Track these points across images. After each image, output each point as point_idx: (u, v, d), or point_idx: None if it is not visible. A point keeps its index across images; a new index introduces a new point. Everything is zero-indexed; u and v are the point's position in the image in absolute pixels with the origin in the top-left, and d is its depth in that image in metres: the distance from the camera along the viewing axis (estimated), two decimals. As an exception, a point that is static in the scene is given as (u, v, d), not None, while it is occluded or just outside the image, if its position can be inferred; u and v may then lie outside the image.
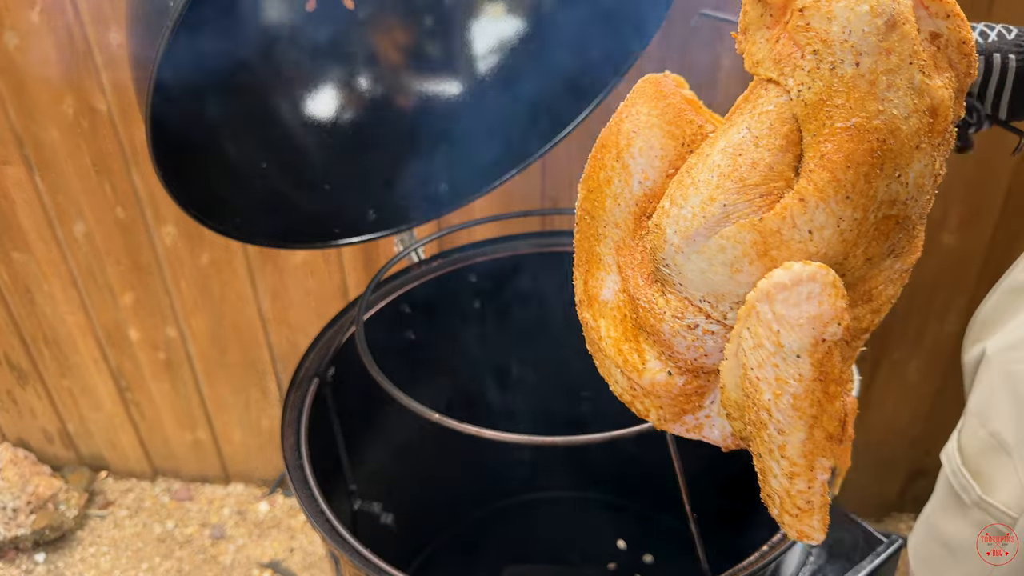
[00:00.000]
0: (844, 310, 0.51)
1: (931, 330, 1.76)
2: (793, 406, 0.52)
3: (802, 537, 0.59)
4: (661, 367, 0.60)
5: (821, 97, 0.51)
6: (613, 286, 0.63)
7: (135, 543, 2.17)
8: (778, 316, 0.51)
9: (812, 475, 0.55)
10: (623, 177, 0.61)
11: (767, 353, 0.52)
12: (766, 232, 0.52)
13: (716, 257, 0.54)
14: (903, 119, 0.52)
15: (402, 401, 0.88)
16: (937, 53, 0.54)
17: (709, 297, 0.56)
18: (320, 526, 0.93)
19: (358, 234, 1.21)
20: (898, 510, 2.09)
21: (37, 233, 1.85)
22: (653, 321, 0.59)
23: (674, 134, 0.59)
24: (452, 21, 1.21)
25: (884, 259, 0.56)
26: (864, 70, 0.51)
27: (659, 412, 0.63)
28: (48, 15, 1.54)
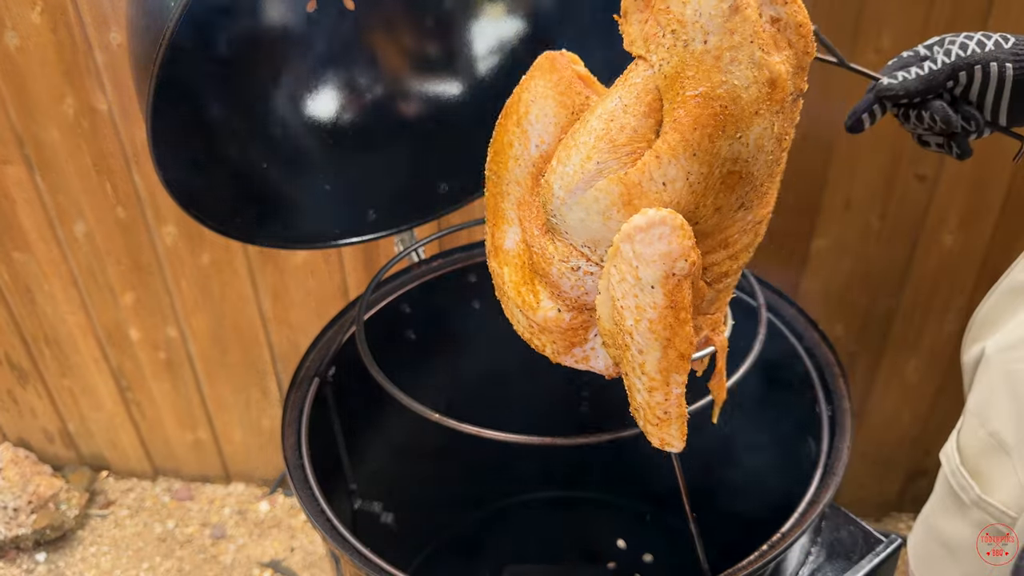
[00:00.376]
0: (691, 249, 0.59)
1: (930, 330, 1.76)
2: (650, 329, 0.62)
3: (663, 445, 0.69)
4: (552, 305, 0.70)
5: (677, 70, 0.61)
6: (515, 237, 0.73)
7: (136, 543, 2.17)
8: (636, 254, 0.60)
9: (668, 389, 0.64)
10: (522, 141, 0.71)
11: (629, 286, 0.61)
12: (630, 184, 0.62)
13: (592, 207, 0.64)
14: (744, 88, 0.60)
15: (402, 401, 0.88)
16: (777, 34, 0.62)
17: (588, 243, 0.66)
18: (320, 526, 0.93)
19: (358, 234, 1.21)
20: (897, 510, 2.09)
21: (38, 233, 1.85)
22: (545, 265, 0.69)
23: (565, 103, 0.69)
24: (452, 21, 1.21)
25: (735, 211, 0.66)
26: (711, 47, 0.60)
27: (553, 346, 0.73)
28: (49, 15, 1.54)
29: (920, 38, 1.45)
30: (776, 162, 0.66)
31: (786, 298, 1.17)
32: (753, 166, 0.63)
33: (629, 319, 0.62)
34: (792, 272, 1.72)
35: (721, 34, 0.60)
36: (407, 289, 1.26)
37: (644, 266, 0.60)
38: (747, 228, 0.68)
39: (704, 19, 0.60)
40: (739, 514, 1.13)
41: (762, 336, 0.93)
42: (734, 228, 0.67)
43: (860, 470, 2.01)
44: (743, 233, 0.68)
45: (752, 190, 0.65)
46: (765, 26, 0.62)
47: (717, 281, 0.69)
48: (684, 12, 0.60)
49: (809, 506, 0.91)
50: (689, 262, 0.60)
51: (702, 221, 0.64)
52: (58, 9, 1.53)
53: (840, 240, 1.66)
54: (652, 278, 0.60)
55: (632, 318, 0.62)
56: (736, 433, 1.18)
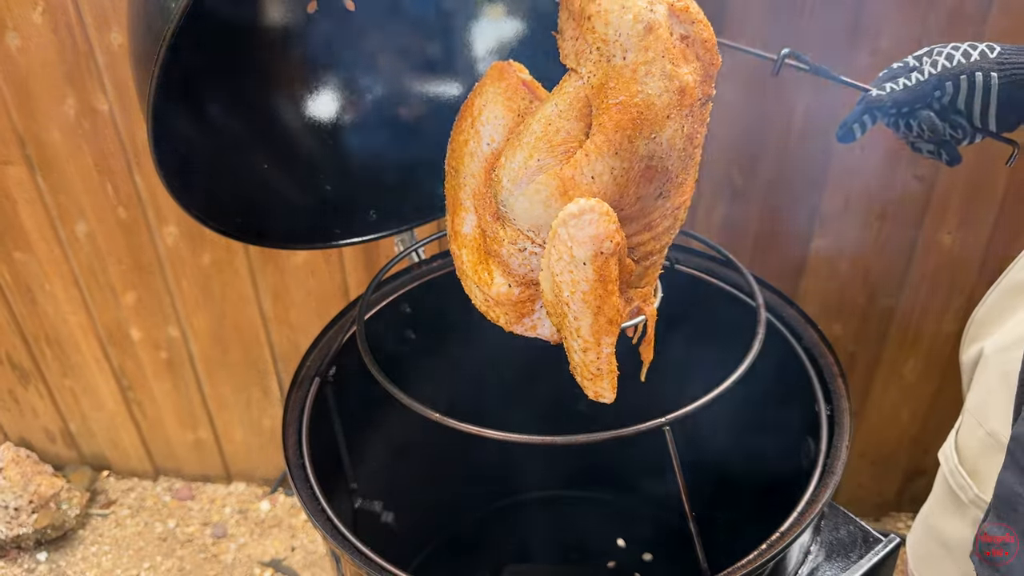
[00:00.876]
0: (615, 231, 0.70)
1: (929, 330, 1.77)
2: (583, 299, 0.73)
3: (597, 396, 0.82)
4: (504, 281, 0.81)
5: (602, 81, 0.71)
6: (471, 223, 0.84)
7: (137, 542, 2.18)
8: (571, 236, 0.70)
9: (599, 349, 0.76)
10: (476, 140, 0.82)
11: (565, 263, 0.72)
12: (564, 179, 0.73)
13: (534, 197, 0.75)
14: (657, 96, 0.71)
15: (403, 401, 0.88)
16: (686, 49, 0.72)
17: (532, 227, 0.77)
18: (321, 525, 0.93)
19: (359, 235, 1.21)
20: (896, 509, 2.09)
21: (39, 233, 1.85)
22: (497, 247, 0.80)
23: (512, 107, 0.80)
24: (453, 22, 1.22)
25: (655, 199, 0.76)
26: (629, 62, 0.70)
27: (506, 316, 0.84)
28: (50, 16, 1.54)
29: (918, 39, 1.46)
30: (689, 157, 0.76)
31: (785, 298, 1.18)
32: (667, 161, 0.74)
33: (566, 291, 0.73)
34: (791, 272, 1.73)
35: (637, 51, 0.70)
36: (407, 289, 1.27)
37: (577, 246, 0.71)
38: (667, 213, 0.78)
39: (623, 38, 0.70)
40: (738, 513, 1.13)
41: (761, 336, 0.93)
42: (655, 213, 0.77)
43: (859, 469, 2.02)
44: (664, 217, 0.78)
45: (669, 181, 0.76)
46: (675, 42, 0.71)
47: (644, 259, 0.80)
48: (607, 32, 0.70)
49: (808, 505, 0.91)
50: (614, 242, 0.70)
51: (627, 208, 0.75)
52: (59, 10, 1.53)
53: (839, 240, 1.67)
54: (584, 256, 0.71)
55: (568, 290, 0.73)
56: (735, 433, 1.18)
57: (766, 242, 1.69)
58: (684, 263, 1.25)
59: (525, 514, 1.63)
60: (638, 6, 0.70)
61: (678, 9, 0.72)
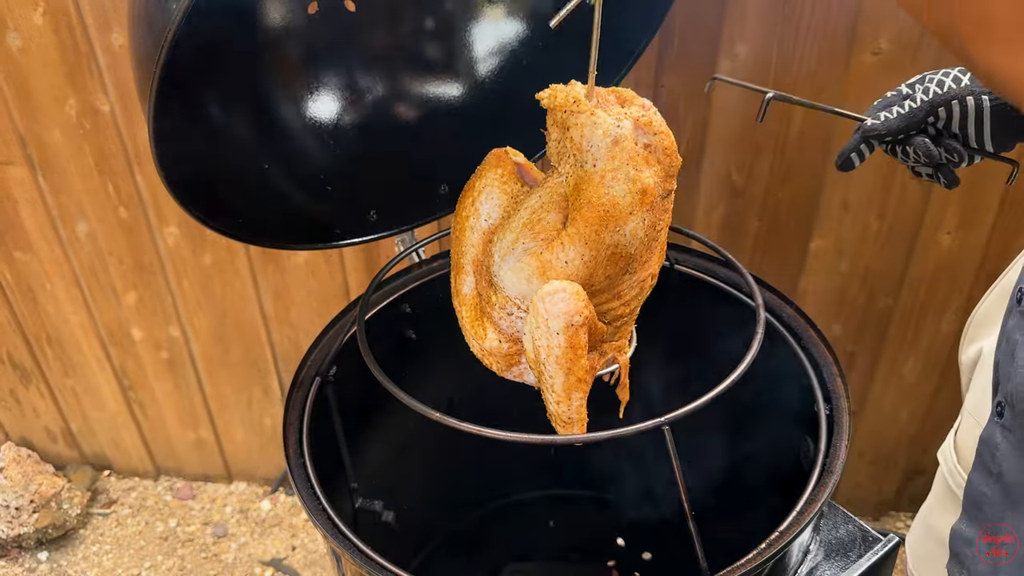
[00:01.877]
0: (584, 307, 0.82)
1: (928, 330, 1.77)
2: (556, 362, 0.85)
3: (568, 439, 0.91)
4: (495, 337, 0.93)
5: (576, 182, 0.85)
6: (470, 285, 0.96)
7: (137, 541, 2.18)
8: (546, 310, 0.83)
9: (570, 403, 0.88)
10: (475, 216, 0.95)
11: (542, 332, 0.84)
12: (544, 262, 0.86)
13: (519, 274, 0.87)
14: (621, 197, 0.83)
15: (403, 400, 0.88)
16: (648, 155, 0.84)
17: (518, 297, 0.89)
18: (322, 524, 0.93)
19: (359, 235, 1.21)
20: (895, 508, 2.10)
21: (40, 233, 1.86)
22: (489, 309, 0.92)
23: (507, 190, 0.94)
24: (454, 23, 1.22)
25: (622, 275, 0.89)
26: (598, 169, 0.83)
27: (497, 365, 0.96)
28: (51, 16, 1.54)
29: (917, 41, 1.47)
30: (652, 241, 0.88)
31: (784, 298, 1.18)
32: (631, 248, 0.86)
33: (543, 354, 0.85)
34: (790, 272, 1.73)
35: (606, 160, 0.82)
36: (408, 289, 1.27)
37: (552, 319, 0.83)
38: (634, 284, 0.90)
39: (594, 149, 0.82)
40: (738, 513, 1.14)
41: (760, 336, 0.93)
42: (623, 286, 0.90)
43: (858, 469, 2.02)
44: (631, 288, 0.90)
45: (634, 261, 0.88)
46: (639, 150, 0.83)
47: (615, 321, 0.92)
48: (581, 143, 0.83)
49: (807, 505, 0.91)
50: (583, 316, 0.82)
51: (596, 284, 0.87)
52: (60, 10, 1.54)
53: (838, 240, 1.67)
54: (557, 327, 0.83)
55: (544, 353, 0.85)
56: (735, 432, 1.19)
57: (766, 242, 1.69)
58: (683, 263, 1.25)
59: (525, 513, 1.63)
60: (607, 123, 0.82)
61: (642, 123, 0.83)
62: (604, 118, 0.82)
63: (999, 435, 0.85)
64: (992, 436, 0.87)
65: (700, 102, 1.53)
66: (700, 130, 1.56)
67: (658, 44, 1.47)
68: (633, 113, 0.84)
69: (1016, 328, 0.85)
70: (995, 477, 0.84)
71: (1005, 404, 0.84)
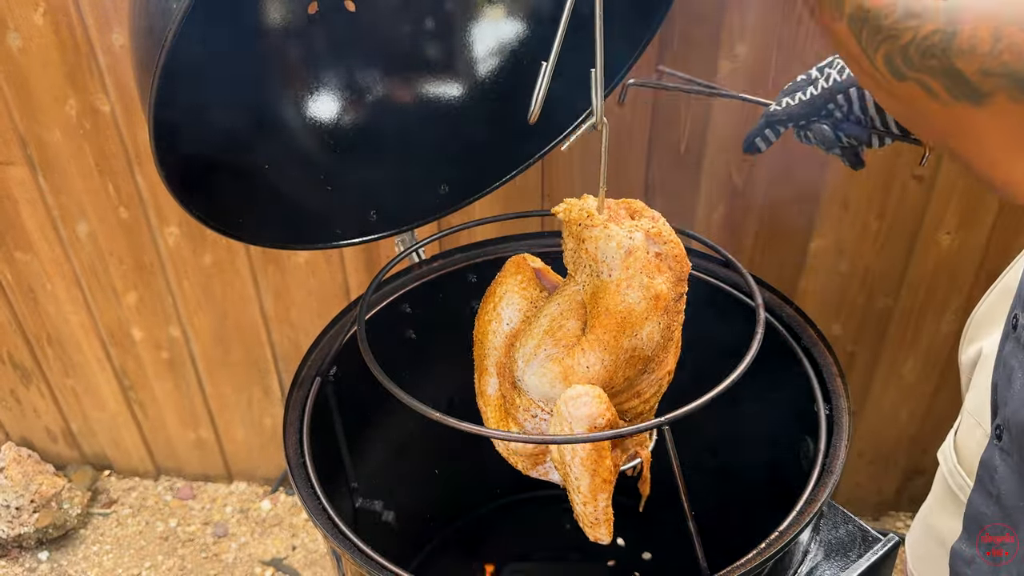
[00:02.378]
0: (606, 410, 0.85)
1: (928, 330, 1.77)
2: (581, 464, 0.87)
3: (596, 539, 0.94)
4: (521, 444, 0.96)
5: (593, 291, 0.88)
6: (494, 386, 0.99)
7: (138, 541, 2.18)
8: (570, 414, 0.85)
9: (596, 503, 0.90)
10: (497, 321, 0.99)
11: (566, 435, 0.86)
12: (566, 367, 0.89)
13: (543, 379, 0.90)
14: (636, 304, 0.87)
15: (403, 400, 0.88)
16: (660, 263, 0.88)
17: (541, 400, 0.92)
18: (322, 524, 0.93)
19: (360, 235, 1.21)
20: (895, 508, 2.10)
21: (40, 233, 1.86)
22: (514, 411, 0.95)
23: (527, 296, 0.98)
24: (453, 23, 1.22)
25: (641, 375, 0.92)
26: (614, 279, 0.86)
27: (523, 464, 0.99)
28: (51, 16, 1.55)
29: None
30: (668, 342, 0.92)
31: (784, 298, 1.18)
32: (648, 350, 0.89)
33: (568, 456, 0.88)
34: (790, 272, 1.73)
35: (620, 270, 0.86)
36: (408, 289, 1.27)
37: (575, 422, 0.85)
38: (652, 383, 0.94)
39: (608, 260, 0.86)
40: (738, 512, 1.14)
41: (760, 336, 0.93)
42: (642, 384, 0.93)
43: (858, 469, 2.02)
44: (649, 386, 0.94)
45: (651, 362, 0.92)
46: (651, 259, 0.88)
47: (635, 418, 0.96)
48: (596, 254, 0.87)
49: (807, 504, 0.91)
50: (605, 419, 0.84)
51: (616, 385, 0.90)
52: (60, 10, 1.54)
53: (838, 240, 1.67)
54: (580, 430, 0.85)
55: (569, 456, 0.88)
56: (734, 432, 1.19)
57: (765, 242, 1.69)
58: (684, 263, 1.25)
59: (525, 513, 1.63)
60: (620, 235, 0.86)
61: (652, 233, 0.88)
62: (616, 231, 0.87)
63: (998, 458, 0.86)
64: (991, 459, 0.87)
65: (700, 102, 1.53)
66: (700, 130, 1.56)
67: (658, 44, 1.47)
68: (643, 225, 0.89)
69: (1012, 355, 0.85)
70: (994, 498, 0.85)
71: (1003, 428, 0.85)
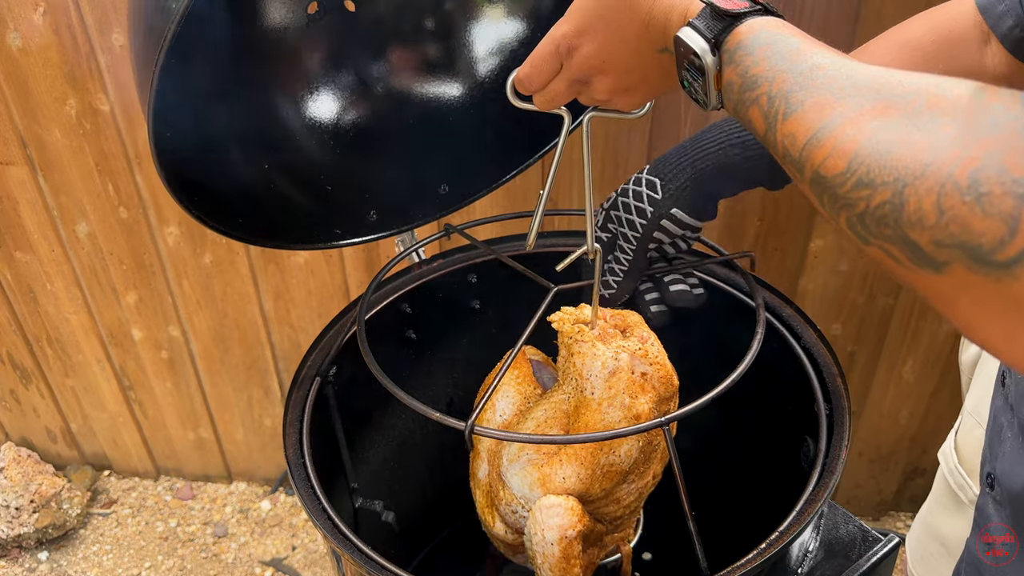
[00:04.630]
0: (578, 521, 0.89)
1: (928, 330, 1.77)
2: (551, 569, 0.91)
3: None
4: (502, 527, 1.00)
5: (576, 405, 0.92)
6: (484, 471, 1.03)
7: (138, 541, 2.18)
8: (543, 521, 0.90)
9: None
10: (492, 410, 1.02)
11: (538, 539, 0.90)
12: (544, 475, 0.92)
13: (523, 480, 0.94)
14: (615, 423, 0.89)
15: (403, 400, 0.88)
16: (644, 383, 0.90)
17: (521, 499, 0.95)
18: (322, 524, 0.93)
19: (360, 235, 1.21)
20: (895, 508, 2.10)
21: (40, 233, 1.86)
22: (497, 503, 0.99)
23: (521, 391, 1.02)
24: (454, 23, 1.22)
25: (620, 486, 0.94)
26: (596, 396, 0.89)
27: (505, 549, 1.04)
28: (51, 16, 1.55)
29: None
30: (648, 455, 0.94)
31: (784, 298, 1.18)
32: (625, 466, 0.92)
33: (539, 558, 0.91)
34: (790, 272, 1.73)
35: (603, 389, 0.89)
36: (408, 289, 1.27)
37: (547, 530, 0.89)
38: (632, 492, 0.96)
39: (593, 378, 0.89)
40: (738, 513, 1.14)
41: (760, 336, 0.93)
42: (621, 493, 0.95)
43: (858, 469, 2.02)
44: (629, 495, 0.96)
45: (631, 474, 0.94)
46: (636, 378, 0.89)
47: (614, 521, 0.99)
48: (582, 371, 0.90)
49: (807, 505, 0.91)
50: (576, 530, 0.89)
51: (595, 495, 0.93)
52: (60, 10, 1.54)
53: (838, 240, 1.67)
54: (552, 539, 0.89)
55: (540, 557, 0.91)
56: (734, 432, 1.19)
57: (766, 242, 1.69)
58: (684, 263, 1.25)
59: (525, 513, 1.63)
60: (605, 355, 0.89)
61: (639, 355, 0.91)
62: (603, 351, 0.89)
63: (991, 507, 0.87)
64: (986, 506, 0.88)
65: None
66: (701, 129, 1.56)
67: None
68: (630, 346, 0.91)
69: (1001, 412, 0.86)
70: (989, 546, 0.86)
71: (994, 478, 0.86)
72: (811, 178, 0.51)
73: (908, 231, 0.44)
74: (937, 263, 0.43)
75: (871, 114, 0.47)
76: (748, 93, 0.57)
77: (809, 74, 0.53)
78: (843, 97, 0.50)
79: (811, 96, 0.52)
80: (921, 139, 0.44)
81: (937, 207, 0.42)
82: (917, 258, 0.44)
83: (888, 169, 0.45)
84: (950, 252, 0.42)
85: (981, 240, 0.40)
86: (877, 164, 0.46)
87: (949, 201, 0.41)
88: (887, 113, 0.47)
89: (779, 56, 0.56)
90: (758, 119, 0.56)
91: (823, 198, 0.51)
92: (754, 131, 0.58)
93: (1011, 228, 0.39)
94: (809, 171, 0.51)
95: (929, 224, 0.43)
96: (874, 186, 0.46)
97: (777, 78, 0.55)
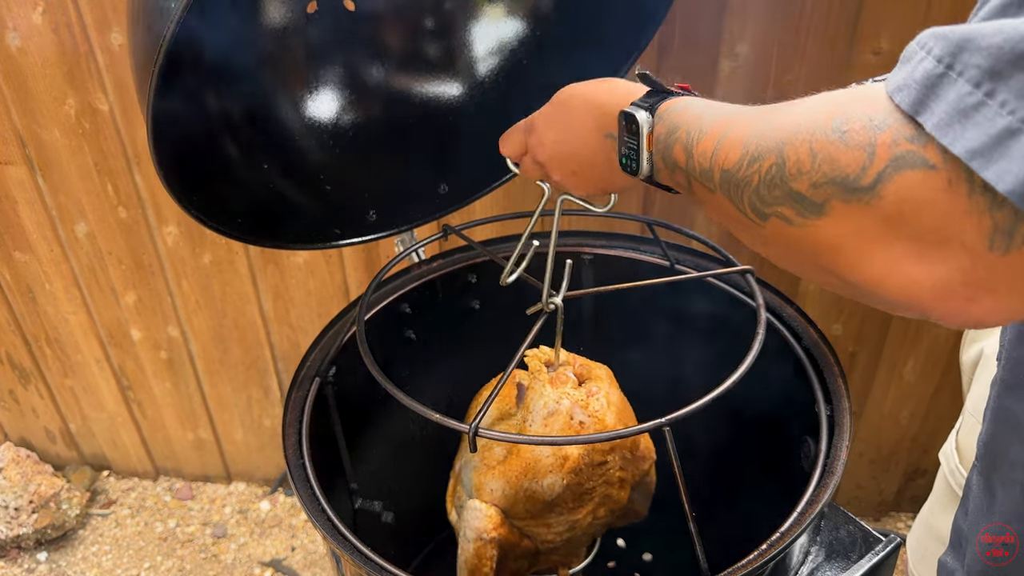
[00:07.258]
0: (493, 528, 1.00)
1: (929, 330, 1.77)
2: (465, 563, 1.02)
3: None
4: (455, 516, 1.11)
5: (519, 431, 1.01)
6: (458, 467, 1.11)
7: (137, 542, 2.18)
8: (467, 520, 1.02)
9: None
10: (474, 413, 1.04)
11: (462, 534, 1.03)
12: (480, 482, 1.02)
13: (468, 481, 1.04)
14: (544, 458, 0.98)
15: (402, 401, 0.88)
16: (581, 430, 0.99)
17: (467, 496, 1.04)
18: (321, 525, 0.93)
19: (359, 235, 1.21)
20: (896, 509, 2.09)
21: (39, 233, 1.85)
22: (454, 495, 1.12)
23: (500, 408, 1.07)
24: (453, 23, 1.22)
25: (546, 513, 1.02)
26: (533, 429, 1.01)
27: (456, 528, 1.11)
28: (50, 16, 1.54)
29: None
30: (582, 495, 1.01)
31: (785, 298, 1.18)
32: (548, 497, 1.00)
33: (460, 551, 1.03)
34: (791, 272, 1.72)
35: (539, 425, 0.99)
36: (407, 289, 1.27)
37: (468, 529, 1.01)
38: (563, 523, 1.04)
39: (534, 413, 1.00)
40: (738, 514, 1.13)
41: (761, 336, 0.93)
42: (550, 519, 1.03)
43: (859, 469, 2.02)
44: (559, 524, 1.04)
45: (557, 506, 1.01)
46: (572, 424, 0.98)
47: (547, 543, 1.07)
48: (529, 403, 1.01)
49: (808, 505, 0.91)
50: (490, 536, 1.00)
51: (519, 514, 1.02)
52: (59, 10, 1.53)
53: (839, 240, 1.66)
54: (471, 536, 1.01)
55: (460, 550, 1.03)
56: (735, 433, 1.18)
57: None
58: (683, 263, 1.25)
59: (525, 514, 1.63)
60: (549, 397, 0.98)
61: (580, 404, 0.98)
62: (549, 393, 0.99)
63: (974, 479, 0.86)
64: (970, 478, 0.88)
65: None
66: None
67: (658, 44, 1.47)
68: (575, 395, 0.99)
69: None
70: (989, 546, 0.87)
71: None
72: (720, 179, 0.60)
73: (791, 183, 0.51)
74: (817, 204, 0.50)
75: (759, 114, 0.58)
76: (672, 136, 0.69)
77: (718, 109, 0.65)
78: (740, 113, 0.61)
79: (716, 120, 0.62)
80: (796, 110, 0.53)
81: (810, 152, 0.50)
82: (803, 208, 0.51)
83: (771, 139, 0.53)
84: (826, 189, 0.49)
85: (848, 171, 0.47)
86: (763, 138, 0.54)
87: (819, 144, 0.49)
88: (772, 110, 0.57)
89: (695, 107, 0.69)
90: (680, 153, 0.67)
91: (730, 193, 0.58)
92: (677, 168, 0.68)
93: (869, 154, 0.47)
94: (718, 173, 0.60)
95: (806, 170, 0.50)
96: (762, 158, 0.54)
97: (693, 120, 0.67)
